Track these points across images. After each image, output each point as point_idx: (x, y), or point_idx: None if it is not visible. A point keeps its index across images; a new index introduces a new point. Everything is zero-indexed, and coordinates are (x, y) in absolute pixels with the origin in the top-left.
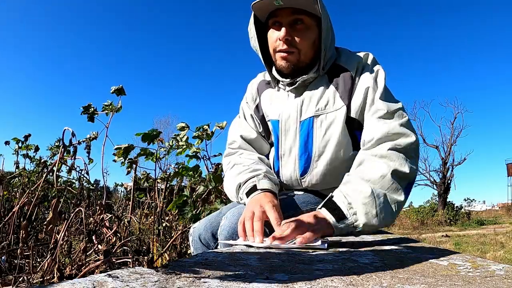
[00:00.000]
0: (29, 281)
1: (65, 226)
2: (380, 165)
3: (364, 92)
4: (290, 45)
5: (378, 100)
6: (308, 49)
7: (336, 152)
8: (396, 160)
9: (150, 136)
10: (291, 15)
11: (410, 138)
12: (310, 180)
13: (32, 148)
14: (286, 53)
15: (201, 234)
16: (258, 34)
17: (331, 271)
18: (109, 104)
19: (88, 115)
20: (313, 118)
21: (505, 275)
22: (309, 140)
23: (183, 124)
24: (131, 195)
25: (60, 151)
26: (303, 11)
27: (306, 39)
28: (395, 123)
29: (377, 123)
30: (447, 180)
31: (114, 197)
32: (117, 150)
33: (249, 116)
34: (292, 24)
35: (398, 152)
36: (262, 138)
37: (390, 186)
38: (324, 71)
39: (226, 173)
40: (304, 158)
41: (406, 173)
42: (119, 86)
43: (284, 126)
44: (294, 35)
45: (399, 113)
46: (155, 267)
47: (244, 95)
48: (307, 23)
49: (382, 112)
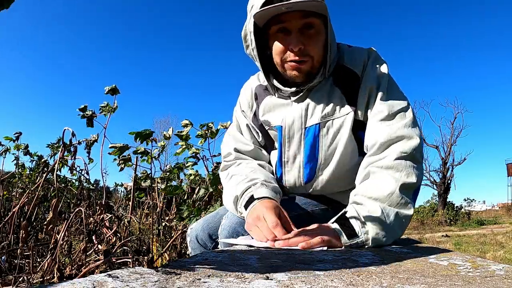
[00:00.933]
0: (29, 281)
1: (65, 226)
2: (388, 180)
3: (368, 92)
4: (303, 55)
5: (379, 101)
6: (320, 55)
7: (343, 160)
8: (403, 170)
9: (142, 135)
10: (301, 19)
11: (413, 141)
12: (315, 186)
13: (22, 147)
14: (299, 62)
15: (198, 235)
16: (255, 40)
17: (331, 271)
18: (106, 105)
19: (87, 119)
20: (320, 125)
21: (505, 275)
22: (316, 148)
23: (187, 121)
24: (131, 195)
25: (61, 150)
26: (312, 13)
27: (318, 45)
28: (397, 125)
29: (379, 126)
30: (447, 180)
31: (114, 197)
32: (112, 150)
33: (245, 127)
34: (302, 30)
35: (405, 161)
36: (260, 149)
37: (399, 202)
38: (329, 73)
39: (224, 186)
40: (310, 166)
41: (413, 183)
42: (113, 86)
43: (287, 132)
44: (306, 42)
45: (401, 114)
46: (155, 267)
47: (238, 101)
48: (317, 26)
49: (383, 114)
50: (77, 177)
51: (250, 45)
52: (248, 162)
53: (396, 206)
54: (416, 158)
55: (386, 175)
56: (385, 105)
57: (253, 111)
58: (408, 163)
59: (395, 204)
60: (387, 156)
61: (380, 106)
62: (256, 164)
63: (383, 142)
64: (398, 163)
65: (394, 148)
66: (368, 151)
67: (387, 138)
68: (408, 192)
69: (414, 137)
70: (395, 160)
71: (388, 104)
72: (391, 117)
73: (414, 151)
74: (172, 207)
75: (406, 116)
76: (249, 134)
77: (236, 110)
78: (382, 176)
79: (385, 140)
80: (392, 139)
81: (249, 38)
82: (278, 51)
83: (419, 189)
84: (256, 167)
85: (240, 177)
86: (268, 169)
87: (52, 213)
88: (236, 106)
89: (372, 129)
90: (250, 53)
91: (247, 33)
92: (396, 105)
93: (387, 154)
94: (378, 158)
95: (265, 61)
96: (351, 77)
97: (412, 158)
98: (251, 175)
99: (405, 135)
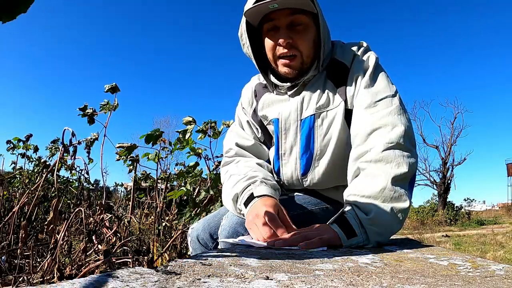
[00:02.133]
0: (29, 281)
1: (65, 226)
2: (378, 175)
3: (354, 82)
4: (292, 48)
5: (363, 90)
6: (310, 50)
7: (337, 150)
8: (392, 161)
9: (153, 136)
10: (289, 17)
11: (398, 128)
12: (312, 179)
13: (31, 148)
14: (288, 58)
15: (199, 235)
16: (250, 40)
17: (331, 271)
18: (106, 103)
19: (88, 117)
20: (314, 116)
21: (505, 275)
22: (311, 139)
23: (190, 118)
24: (131, 195)
25: (60, 151)
26: (300, 10)
27: (307, 40)
28: (381, 113)
29: (363, 115)
30: (447, 180)
31: (114, 197)
32: (120, 149)
33: (246, 123)
34: (290, 26)
35: (393, 151)
36: (260, 144)
37: (393, 196)
38: (323, 67)
39: (223, 185)
40: (306, 157)
41: (405, 173)
42: (113, 84)
43: (284, 124)
44: (294, 37)
45: (386, 101)
46: (155, 267)
47: (239, 101)
48: (305, 22)
49: (367, 103)
50: (77, 177)
51: (246, 44)
52: (247, 160)
53: (390, 201)
54: (404, 145)
55: (376, 169)
56: (369, 93)
57: (253, 107)
58: (397, 153)
59: (388, 199)
60: (373, 148)
61: (364, 94)
62: (255, 163)
63: (367, 131)
64: (386, 155)
65: (379, 139)
66: (354, 142)
67: (371, 127)
68: (402, 183)
69: (398, 125)
70: (383, 152)
71: (372, 91)
72: (375, 105)
73: (400, 139)
74: (172, 207)
75: (391, 103)
76: (250, 130)
77: (238, 109)
78: (372, 172)
79: (369, 129)
80: (375, 128)
81: (244, 37)
82: (269, 47)
83: (414, 177)
84: (254, 166)
85: (239, 176)
86: (267, 168)
87: (52, 213)
88: (238, 105)
89: (356, 118)
90: (246, 51)
91: (242, 32)
92: (381, 93)
93: (372, 145)
94: (364, 151)
95: (262, 59)
96: (341, 69)
97: (400, 146)
98: (250, 173)
99: (388, 123)
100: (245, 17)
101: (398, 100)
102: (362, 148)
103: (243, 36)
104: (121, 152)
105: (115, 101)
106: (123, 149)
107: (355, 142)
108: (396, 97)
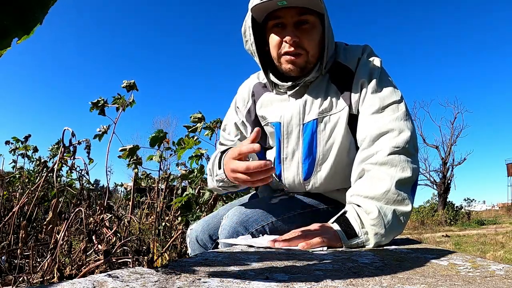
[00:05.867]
0: (29, 281)
1: (65, 226)
2: (383, 177)
3: (360, 87)
4: (298, 47)
5: (371, 95)
6: (315, 50)
7: (340, 155)
8: (397, 165)
9: (158, 138)
10: (297, 15)
11: (405, 134)
12: (314, 183)
13: (31, 148)
14: (294, 56)
15: (198, 236)
16: (253, 36)
17: (331, 271)
18: (119, 98)
19: (99, 109)
20: (317, 120)
21: (505, 275)
22: (313, 144)
23: (199, 115)
24: (131, 195)
25: (60, 151)
26: (307, 10)
27: (313, 40)
28: (388, 118)
29: (370, 120)
30: (447, 180)
31: (114, 197)
32: (122, 152)
33: (233, 125)
34: (297, 25)
35: (398, 155)
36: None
37: (396, 199)
38: (326, 70)
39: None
40: (308, 162)
41: (409, 177)
42: (131, 81)
43: (286, 129)
44: (300, 36)
45: (393, 107)
46: (155, 267)
47: (234, 98)
48: (312, 22)
49: (374, 108)
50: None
51: (249, 40)
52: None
53: (393, 204)
54: (409, 151)
55: (380, 172)
56: (377, 98)
57: (247, 107)
58: (402, 158)
59: (392, 201)
60: (379, 151)
61: (371, 99)
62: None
63: (374, 135)
64: (391, 159)
65: (386, 142)
66: (361, 145)
67: (378, 131)
68: (405, 187)
69: (405, 130)
70: (388, 156)
71: (379, 97)
72: (382, 110)
73: (406, 144)
74: (173, 207)
75: (398, 109)
76: (236, 131)
77: (231, 107)
78: (377, 174)
79: (376, 133)
80: (383, 132)
81: (248, 33)
82: (274, 44)
83: (416, 182)
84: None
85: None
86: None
87: (52, 213)
88: (232, 103)
89: (363, 122)
90: (249, 48)
91: (246, 28)
92: (388, 98)
93: (379, 148)
94: (370, 154)
95: (264, 57)
96: (345, 72)
97: (405, 151)
98: (221, 149)
99: (396, 128)
100: (251, 12)
101: (404, 105)
102: (368, 151)
103: (247, 32)
104: (123, 154)
105: (131, 97)
106: (126, 150)
107: (362, 146)
108: (402, 102)
